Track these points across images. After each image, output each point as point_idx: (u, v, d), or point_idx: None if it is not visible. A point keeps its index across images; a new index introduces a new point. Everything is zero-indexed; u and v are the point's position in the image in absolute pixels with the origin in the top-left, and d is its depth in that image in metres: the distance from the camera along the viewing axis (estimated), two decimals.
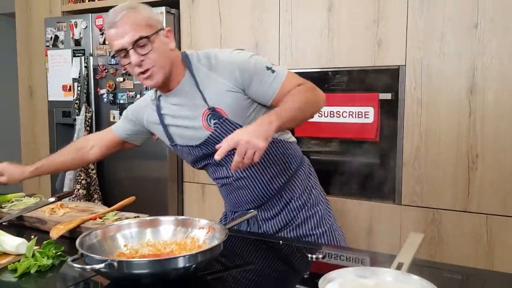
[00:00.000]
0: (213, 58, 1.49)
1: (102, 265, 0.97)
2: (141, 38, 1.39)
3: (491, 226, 2.20)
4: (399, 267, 0.97)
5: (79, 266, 1.00)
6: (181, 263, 1.00)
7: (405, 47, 2.33)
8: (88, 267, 0.99)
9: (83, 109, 3.09)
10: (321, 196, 1.65)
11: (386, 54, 2.37)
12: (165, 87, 1.51)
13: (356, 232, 2.47)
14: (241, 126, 1.45)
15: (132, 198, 1.68)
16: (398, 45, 2.34)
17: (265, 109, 1.52)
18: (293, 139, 1.63)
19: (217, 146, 1.25)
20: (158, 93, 1.60)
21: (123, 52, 1.41)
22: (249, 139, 1.21)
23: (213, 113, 1.47)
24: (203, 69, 1.50)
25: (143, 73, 1.43)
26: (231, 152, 1.50)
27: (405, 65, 2.33)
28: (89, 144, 1.78)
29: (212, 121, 1.48)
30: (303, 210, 1.57)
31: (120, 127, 1.76)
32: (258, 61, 1.47)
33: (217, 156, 1.23)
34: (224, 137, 1.43)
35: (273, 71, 1.45)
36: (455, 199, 2.27)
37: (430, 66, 2.28)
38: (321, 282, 0.88)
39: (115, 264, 0.97)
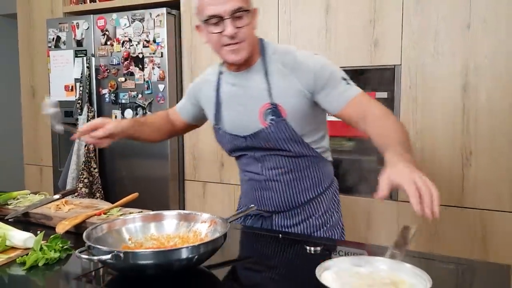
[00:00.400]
0: (292, 56, 1.45)
1: (109, 256, 1.01)
2: (240, 9, 1.35)
3: (485, 221, 2.24)
4: (392, 256, 1.01)
5: (86, 257, 1.04)
6: (184, 254, 1.04)
7: (401, 47, 2.38)
8: (95, 258, 1.03)
9: (85, 109, 3.13)
10: (340, 221, 1.64)
11: (382, 54, 2.42)
12: (239, 65, 1.47)
13: (355, 228, 2.51)
14: (294, 131, 1.44)
15: (135, 195, 1.72)
16: (393, 45, 2.39)
17: (323, 116, 1.53)
18: (330, 158, 1.61)
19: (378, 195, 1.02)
20: (220, 69, 1.57)
21: (217, 19, 1.36)
22: (423, 179, 1.00)
23: (274, 109, 1.43)
24: (277, 63, 1.46)
25: (231, 45, 1.39)
26: (270, 153, 1.49)
27: (401, 65, 2.38)
28: (174, 119, 1.77)
29: (269, 117, 1.44)
30: (321, 230, 1.56)
31: (184, 111, 1.72)
32: (335, 69, 1.44)
33: (380, 194, 1.02)
34: (276, 136, 1.45)
35: (347, 83, 1.43)
36: (450, 195, 2.31)
37: (425, 65, 2.33)
38: (317, 270, 0.92)
39: (121, 255, 1.01)
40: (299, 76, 1.43)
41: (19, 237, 1.30)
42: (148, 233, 1.30)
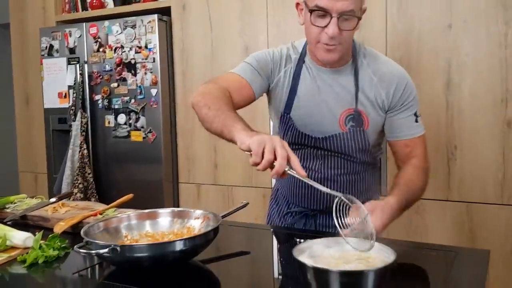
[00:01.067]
0: (384, 65, 1.43)
1: (106, 250, 1.05)
2: (351, 12, 1.27)
3: (471, 213, 2.30)
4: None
5: (85, 251, 1.08)
6: (177, 247, 1.09)
7: (386, 48, 2.44)
8: (93, 252, 1.07)
9: (78, 115, 3.17)
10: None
11: None
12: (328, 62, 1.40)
13: None
14: (368, 143, 1.43)
15: (130, 196, 1.75)
16: (379, 46, 2.45)
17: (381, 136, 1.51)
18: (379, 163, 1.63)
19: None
20: (303, 56, 1.47)
21: (323, 13, 1.27)
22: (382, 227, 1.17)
23: (357, 116, 1.39)
24: (368, 69, 1.41)
25: (327, 44, 1.31)
26: (333, 153, 1.45)
27: None
28: (239, 98, 1.43)
29: (350, 123, 1.40)
30: None
31: (257, 86, 1.47)
32: (417, 98, 1.44)
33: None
34: (349, 144, 1.41)
35: (416, 121, 1.43)
36: (437, 189, 2.37)
37: (410, 65, 2.39)
38: (294, 251, 0.97)
39: (118, 248, 1.05)
40: (386, 88, 1.40)
41: (19, 237, 1.33)
42: (143, 230, 1.33)
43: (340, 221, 1.04)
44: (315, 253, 1.00)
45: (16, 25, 3.73)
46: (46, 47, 3.40)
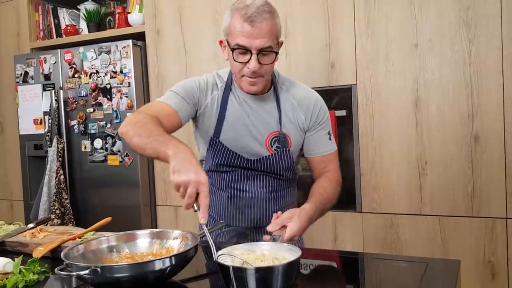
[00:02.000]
0: (300, 90, 1.58)
1: (87, 271, 1.05)
2: (270, 49, 1.41)
3: (443, 226, 2.37)
4: (272, 240, 1.27)
5: (65, 273, 1.09)
6: (157, 266, 1.11)
7: (355, 68, 2.53)
8: (74, 273, 1.07)
9: (54, 140, 3.16)
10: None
11: (339, 75, 2.56)
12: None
13: (323, 242, 2.60)
14: (293, 161, 1.57)
15: (108, 219, 1.74)
16: (349, 66, 2.54)
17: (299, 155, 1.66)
18: None
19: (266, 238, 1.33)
20: (230, 85, 1.56)
21: (244, 50, 1.40)
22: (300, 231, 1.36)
23: (282, 138, 1.53)
24: (287, 95, 1.56)
25: (250, 77, 1.44)
26: (262, 173, 1.57)
27: (356, 84, 2.52)
28: (167, 124, 1.45)
29: (275, 145, 1.53)
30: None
31: (185, 113, 1.53)
32: (329, 117, 1.61)
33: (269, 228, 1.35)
34: (278, 164, 1.55)
35: (330, 139, 1.60)
36: (410, 203, 2.44)
37: (378, 83, 2.48)
38: (217, 255, 1.12)
39: (99, 269, 1.06)
40: (305, 111, 1.56)
41: None
42: (122, 252, 1.33)
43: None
44: (235, 255, 1.14)
45: None
46: (21, 74, 3.40)
